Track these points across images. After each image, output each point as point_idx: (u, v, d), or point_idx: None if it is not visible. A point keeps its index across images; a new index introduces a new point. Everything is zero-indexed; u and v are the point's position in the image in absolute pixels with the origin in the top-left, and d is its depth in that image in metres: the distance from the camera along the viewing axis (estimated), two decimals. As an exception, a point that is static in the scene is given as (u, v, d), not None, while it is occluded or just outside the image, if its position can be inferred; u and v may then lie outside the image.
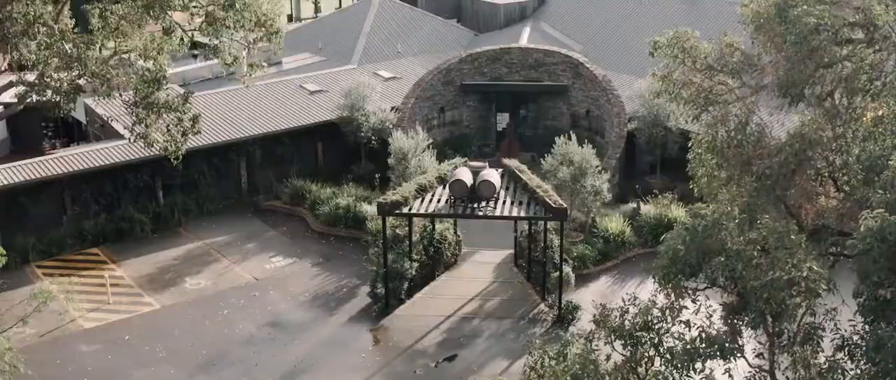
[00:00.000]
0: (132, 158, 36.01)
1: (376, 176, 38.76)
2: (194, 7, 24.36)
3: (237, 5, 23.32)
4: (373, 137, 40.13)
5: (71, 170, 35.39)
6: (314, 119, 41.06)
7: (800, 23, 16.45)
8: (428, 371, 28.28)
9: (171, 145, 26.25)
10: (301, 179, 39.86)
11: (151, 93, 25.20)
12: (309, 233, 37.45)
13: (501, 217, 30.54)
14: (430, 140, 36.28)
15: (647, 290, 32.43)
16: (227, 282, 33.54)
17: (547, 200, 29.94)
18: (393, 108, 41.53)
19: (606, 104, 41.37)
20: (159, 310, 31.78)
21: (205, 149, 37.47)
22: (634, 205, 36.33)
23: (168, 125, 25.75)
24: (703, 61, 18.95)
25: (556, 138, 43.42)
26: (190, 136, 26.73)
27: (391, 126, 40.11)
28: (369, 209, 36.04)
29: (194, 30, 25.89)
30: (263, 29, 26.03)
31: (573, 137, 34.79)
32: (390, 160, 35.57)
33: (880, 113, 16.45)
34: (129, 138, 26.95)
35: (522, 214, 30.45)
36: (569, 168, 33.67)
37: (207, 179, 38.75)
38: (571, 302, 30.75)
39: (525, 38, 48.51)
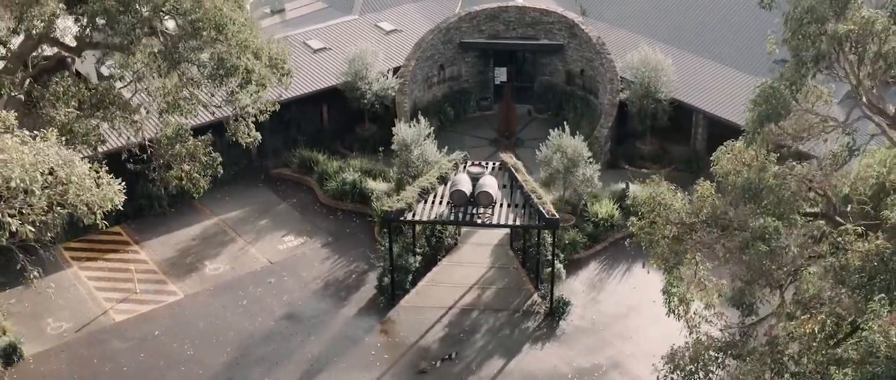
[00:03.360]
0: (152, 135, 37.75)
1: (380, 150, 40.74)
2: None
3: (253, 82, 24.76)
4: (376, 103, 41.97)
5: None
6: (319, 84, 42.65)
7: (755, 248, 18.45)
8: (430, 369, 31.26)
9: (194, 187, 28.12)
10: (308, 146, 41.78)
11: (175, 144, 26.99)
12: (317, 206, 39.79)
13: (499, 225, 32.90)
14: (432, 127, 38.05)
15: (633, 276, 35.47)
16: (243, 266, 36.13)
17: (541, 209, 32.25)
18: (395, 69, 43.09)
19: (600, 67, 42.92)
20: (183, 300, 34.47)
21: (217, 122, 39.18)
22: (624, 186, 38.49)
23: (190, 169, 27.51)
24: (676, 215, 20.97)
25: (552, 93, 45.69)
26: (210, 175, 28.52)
27: (393, 92, 41.94)
28: (375, 186, 38.32)
29: (217, 107, 27.31)
30: (276, 70, 27.47)
31: (566, 128, 36.66)
32: (394, 146, 37.49)
33: (819, 318, 18.49)
34: (151, 182, 28.73)
35: (518, 219, 32.78)
36: (562, 159, 35.73)
37: (219, 148, 40.53)
38: (563, 297, 33.50)
39: (523, -17, 49.26)
